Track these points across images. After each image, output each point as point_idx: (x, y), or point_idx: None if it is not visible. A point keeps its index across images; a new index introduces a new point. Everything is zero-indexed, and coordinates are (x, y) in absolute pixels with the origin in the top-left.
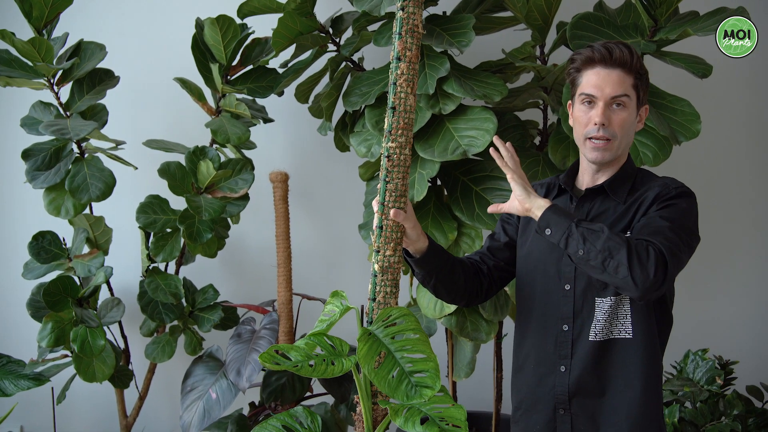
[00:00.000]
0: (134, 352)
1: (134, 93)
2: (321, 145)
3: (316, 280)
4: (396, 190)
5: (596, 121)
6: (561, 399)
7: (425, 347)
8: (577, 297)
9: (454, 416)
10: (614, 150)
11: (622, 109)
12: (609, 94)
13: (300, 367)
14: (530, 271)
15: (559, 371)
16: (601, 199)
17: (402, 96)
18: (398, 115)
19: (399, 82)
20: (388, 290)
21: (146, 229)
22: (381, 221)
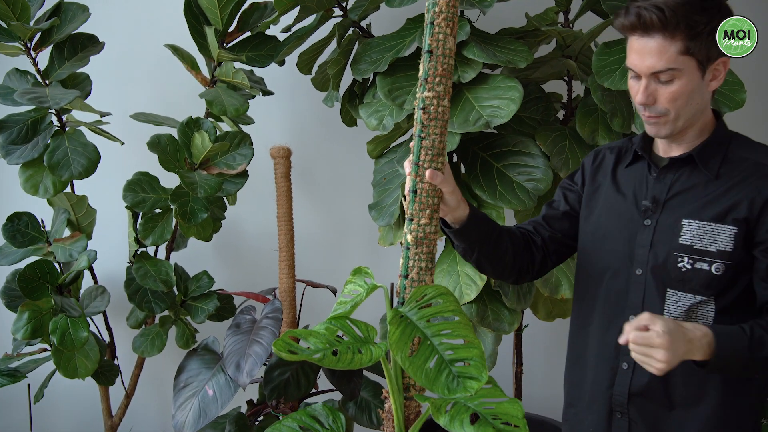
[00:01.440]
0: (120, 345)
1: (120, 61)
2: (323, 121)
3: (318, 266)
4: (432, 148)
5: (637, 100)
6: (619, 401)
7: (467, 331)
8: (648, 284)
9: (509, 412)
10: (671, 124)
11: (669, 82)
12: (648, 69)
13: (322, 356)
14: (596, 249)
15: (621, 368)
16: (689, 170)
17: (440, 37)
18: (435, 59)
19: (437, 21)
20: (422, 265)
21: (134, 209)
22: (415, 184)
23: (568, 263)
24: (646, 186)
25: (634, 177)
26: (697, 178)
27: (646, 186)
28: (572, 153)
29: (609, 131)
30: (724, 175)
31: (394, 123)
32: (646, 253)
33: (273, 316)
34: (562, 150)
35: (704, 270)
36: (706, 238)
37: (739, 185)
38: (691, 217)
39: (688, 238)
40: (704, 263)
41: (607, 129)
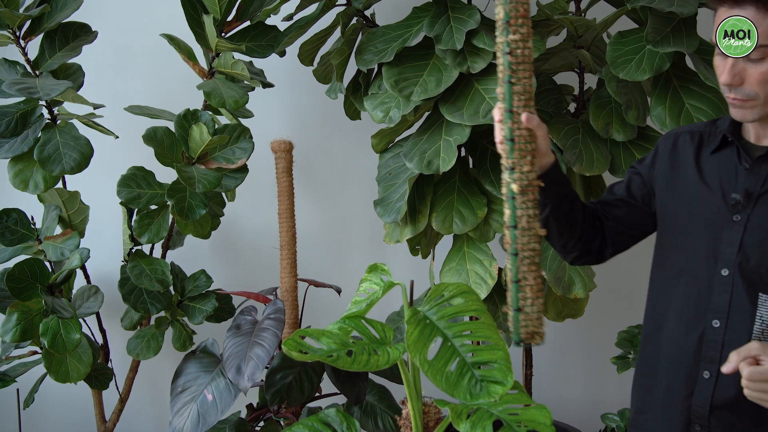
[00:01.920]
0: (114, 347)
1: (114, 51)
2: (325, 114)
3: (319, 265)
4: (524, 93)
5: (722, 81)
6: (699, 413)
7: (491, 332)
8: (736, 287)
9: (536, 419)
10: (760, 109)
11: (760, 61)
12: None
13: (336, 357)
14: (673, 245)
15: (702, 377)
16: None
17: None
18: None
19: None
20: (530, 213)
21: (129, 205)
22: (511, 132)
23: None
24: (735, 177)
25: (722, 165)
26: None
27: (735, 177)
28: (586, 147)
29: (624, 124)
30: None
31: (400, 115)
32: (735, 252)
33: (275, 317)
34: (576, 143)
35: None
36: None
37: None
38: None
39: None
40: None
41: (621, 122)
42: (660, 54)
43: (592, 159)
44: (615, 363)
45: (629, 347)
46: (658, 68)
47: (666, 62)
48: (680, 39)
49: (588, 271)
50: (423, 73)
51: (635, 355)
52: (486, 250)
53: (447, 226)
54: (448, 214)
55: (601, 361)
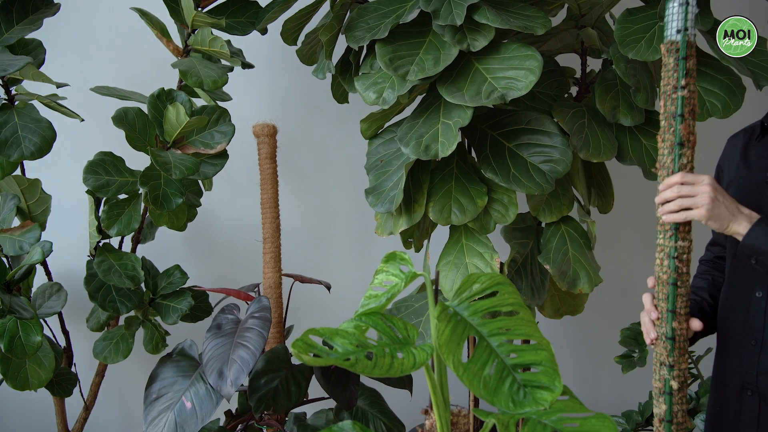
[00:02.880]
0: (78, 350)
1: (79, 26)
2: (307, 98)
3: (301, 259)
4: (686, 294)
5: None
6: (749, 378)
7: (532, 330)
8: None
9: (599, 431)
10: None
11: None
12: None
13: (354, 360)
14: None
15: (750, 345)
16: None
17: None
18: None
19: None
20: (684, 408)
21: (96, 193)
22: (673, 332)
23: (585, 254)
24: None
25: (763, 150)
26: None
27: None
28: (592, 132)
29: (631, 108)
30: None
31: (395, 96)
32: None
33: (260, 316)
34: (582, 128)
35: None
36: None
37: None
38: None
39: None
40: None
41: (628, 105)
42: None
43: (599, 145)
44: (619, 362)
45: (634, 345)
46: None
47: None
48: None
49: (594, 265)
50: (419, 51)
51: (640, 353)
52: (486, 242)
53: (445, 216)
54: (446, 204)
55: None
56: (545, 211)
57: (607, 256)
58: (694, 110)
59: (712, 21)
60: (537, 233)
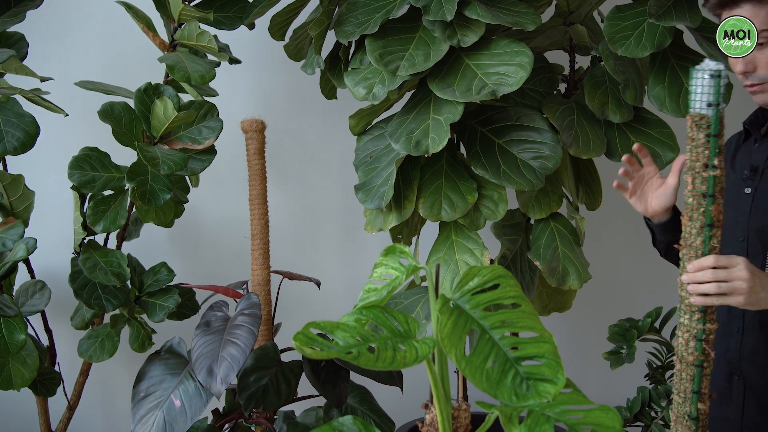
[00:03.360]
0: (61, 349)
1: (63, 20)
2: (294, 94)
3: (288, 257)
4: (710, 374)
5: (737, 71)
6: (735, 364)
7: (534, 322)
8: (751, 249)
9: (603, 423)
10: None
11: (766, 46)
12: None
13: (356, 353)
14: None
15: (733, 332)
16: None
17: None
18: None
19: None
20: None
21: (82, 189)
22: (697, 413)
23: (574, 250)
24: (750, 155)
25: (746, 149)
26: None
27: (750, 155)
28: (581, 128)
29: (620, 104)
30: None
31: (386, 92)
32: (746, 220)
33: (250, 313)
34: (571, 124)
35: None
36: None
37: None
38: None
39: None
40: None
41: (617, 102)
42: (660, 29)
43: (588, 141)
44: (607, 358)
45: (622, 341)
46: (659, 44)
47: (667, 38)
48: (683, 13)
49: (583, 261)
50: (409, 46)
51: (628, 350)
52: (476, 238)
53: (435, 212)
54: (436, 200)
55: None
56: (535, 207)
57: (595, 252)
58: (723, 189)
59: (701, 18)
60: (526, 230)
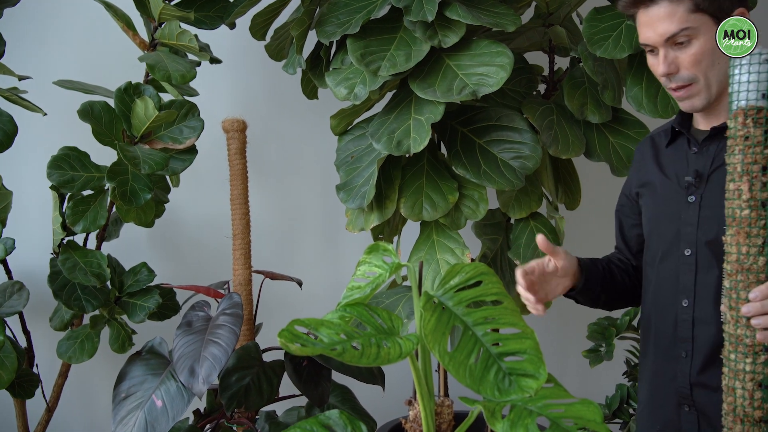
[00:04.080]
0: (39, 350)
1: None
2: (275, 94)
3: (269, 256)
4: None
5: (659, 72)
6: (683, 393)
7: (516, 319)
8: (701, 264)
9: (584, 416)
10: (705, 92)
11: (687, 44)
12: (662, 36)
13: (341, 350)
14: (649, 236)
15: (680, 357)
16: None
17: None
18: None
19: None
20: None
21: (61, 189)
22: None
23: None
24: (686, 162)
25: (676, 155)
26: None
27: (686, 162)
28: (561, 129)
29: (599, 105)
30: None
31: (367, 92)
32: (694, 231)
33: (232, 312)
34: (551, 125)
35: None
36: None
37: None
38: None
39: None
40: None
41: (596, 103)
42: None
43: (567, 141)
44: (587, 356)
45: (601, 340)
46: (637, 46)
47: None
48: None
49: None
50: (390, 46)
51: (607, 348)
52: (457, 237)
53: (416, 212)
54: (418, 200)
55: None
56: (515, 207)
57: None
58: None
59: None
60: (507, 229)
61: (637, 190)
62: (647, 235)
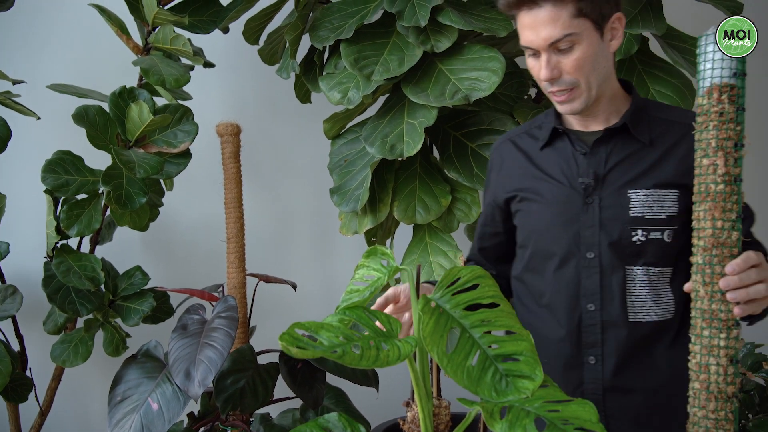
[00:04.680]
0: (32, 354)
1: (35, 22)
2: (268, 98)
3: (262, 259)
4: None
5: (541, 77)
6: (595, 399)
7: (512, 321)
8: (604, 266)
9: (581, 416)
10: (585, 95)
11: (570, 50)
12: (546, 41)
13: (341, 352)
14: (535, 242)
15: (588, 363)
16: (621, 141)
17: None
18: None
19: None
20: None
21: (56, 193)
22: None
23: None
24: (576, 164)
25: (558, 157)
26: (631, 147)
27: (576, 164)
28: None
29: None
30: (657, 140)
31: (361, 96)
32: (596, 233)
33: (227, 315)
34: None
35: (658, 239)
36: (655, 206)
37: (675, 148)
38: (636, 186)
39: (638, 209)
40: (657, 232)
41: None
42: (628, 36)
43: None
44: None
45: None
46: (627, 51)
47: (634, 45)
48: (648, 21)
49: None
50: (383, 51)
51: None
52: (450, 240)
53: (410, 215)
54: (411, 203)
55: None
56: None
57: None
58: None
59: (666, 26)
60: None
61: (508, 196)
62: (531, 243)
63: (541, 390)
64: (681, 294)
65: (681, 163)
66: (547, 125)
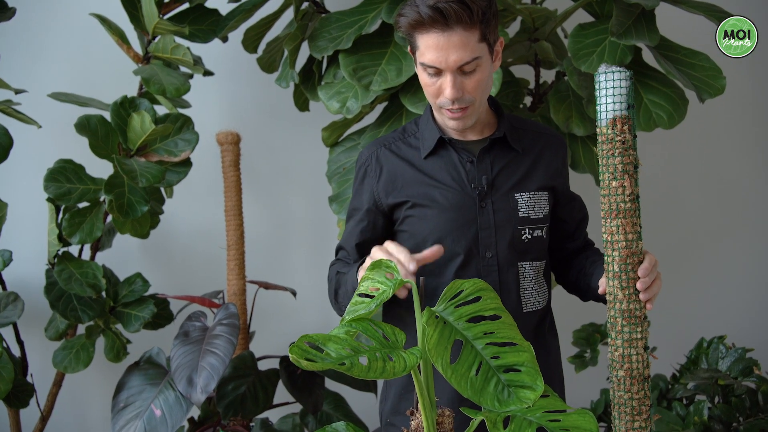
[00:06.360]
0: (33, 360)
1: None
2: (267, 107)
3: (261, 266)
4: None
5: (447, 96)
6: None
7: (514, 332)
8: (502, 264)
9: (581, 426)
10: (476, 112)
11: (473, 72)
12: (456, 63)
13: (349, 364)
14: (434, 243)
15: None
16: (500, 150)
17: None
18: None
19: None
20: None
21: (58, 201)
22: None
23: None
24: (464, 171)
25: (445, 165)
26: (509, 155)
27: (464, 171)
28: None
29: (583, 118)
30: (527, 148)
31: (359, 106)
32: (492, 234)
33: (228, 323)
34: None
35: (539, 236)
36: (536, 207)
37: (541, 155)
38: (522, 190)
39: (525, 211)
40: (538, 230)
41: (581, 116)
42: (621, 47)
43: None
44: (572, 362)
45: (585, 346)
46: (620, 61)
47: (628, 55)
48: (642, 32)
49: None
50: (381, 61)
51: (592, 354)
52: None
53: None
54: None
55: None
56: None
57: None
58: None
59: (659, 37)
60: None
61: (396, 202)
62: (428, 247)
63: (542, 400)
64: (549, 282)
65: (547, 168)
66: (427, 135)
